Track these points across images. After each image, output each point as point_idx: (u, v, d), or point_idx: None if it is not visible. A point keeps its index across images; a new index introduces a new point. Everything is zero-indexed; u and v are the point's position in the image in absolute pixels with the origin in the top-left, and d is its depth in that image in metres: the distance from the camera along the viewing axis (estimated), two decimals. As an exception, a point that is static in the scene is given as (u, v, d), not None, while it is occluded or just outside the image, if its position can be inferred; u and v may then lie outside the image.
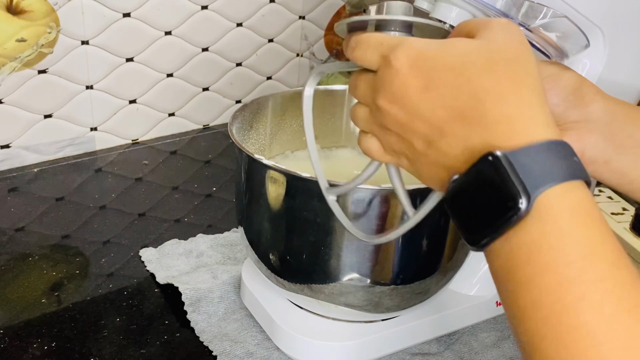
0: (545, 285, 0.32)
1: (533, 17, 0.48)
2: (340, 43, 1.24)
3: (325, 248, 0.57)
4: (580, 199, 0.34)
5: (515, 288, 0.34)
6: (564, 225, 0.33)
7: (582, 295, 0.31)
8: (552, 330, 0.32)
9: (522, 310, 0.33)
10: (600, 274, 0.32)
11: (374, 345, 0.64)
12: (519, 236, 0.33)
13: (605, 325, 0.31)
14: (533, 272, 0.33)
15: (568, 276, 0.32)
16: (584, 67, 0.61)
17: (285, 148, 0.73)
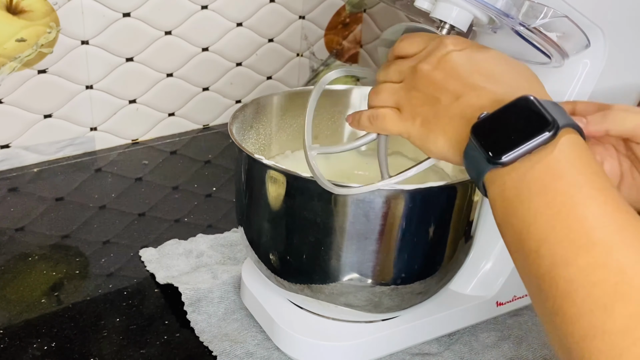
0: (558, 189, 0.38)
1: (533, 16, 0.48)
2: (340, 43, 1.24)
3: (326, 248, 0.57)
4: (587, 146, 0.41)
5: (530, 196, 0.39)
6: (578, 153, 0.40)
7: (590, 194, 0.38)
8: (562, 221, 0.37)
9: (534, 212, 0.39)
10: (606, 185, 0.39)
11: (374, 345, 0.64)
12: (544, 156, 0.39)
13: (606, 216, 0.37)
14: (550, 180, 0.39)
15: (578, 182, 0.38)
16: (585, 67, 0.61)
17: (285, 148, 0.73)
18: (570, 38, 0.51)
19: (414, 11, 0.60)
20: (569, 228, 0.37)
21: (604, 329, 0.34)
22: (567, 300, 0.36)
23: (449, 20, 0.53)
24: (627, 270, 0.34)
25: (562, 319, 0.36)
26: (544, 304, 0.38)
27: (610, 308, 0.34)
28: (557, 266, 0.37)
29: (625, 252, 0.35)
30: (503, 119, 0.41)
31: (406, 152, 0.74)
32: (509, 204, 0.40)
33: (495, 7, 0.49)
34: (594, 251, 0.36)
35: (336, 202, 0.55)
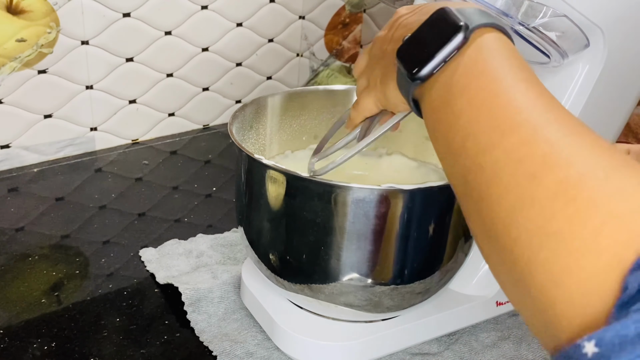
0: (479, 85, 0.38)
1: (533, 16, 0.48)
2: (340, 43, 1.24)
3: (326, 248, 0.57)
4: (509, 43, 0.41)
5: (454, 98, 0.39)
6: (496, 49, 0.40)
7: (511, 84, 0.37)
8: (485, 112, 0.37)
9: (458, 112, 0.38)
10: (527, 76, 0.38)
11: (374, 345, 0.64)
12: (461, 59, 0.40)
13: (529, 101, 0.36)
14: (471, 79, 0.39)
15: (498, 76, 0.38)
16: (584, 67, 0.61)
17: (285, 148, 0.73)
18: (569, 37, 0.51)
19: (413, 11, 0.60)
20: (492, 117, 0.36)
21: (533, 197, 0.33)
22: (493, 183, 0.35)
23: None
24: (556, 143, 0.33)
25: (488, 202, 0.35)
26: (471, 199, 0.37)
27: (539, 177, 0.33)
28: (482, 153, 0.36)
29: (553, 128, 0.34)
30: (421, 36, 0.42)
31: (406, 152, 0.74)
32: (436, 113, 0.41)
33: (495, 7, 0.49)
34: (519, 131, 0.35)
35: (336, 201, 0.55)
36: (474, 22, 0.40)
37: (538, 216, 0.32)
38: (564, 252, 0.30)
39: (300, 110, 0.73)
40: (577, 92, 0.62)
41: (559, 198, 0.31)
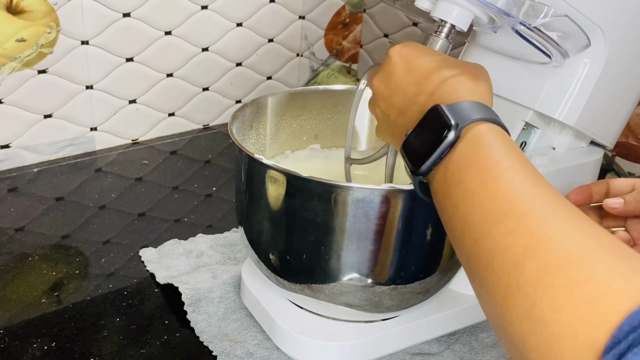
0: (471, 178, 0.42)
1: (534, 16, 0.48)
2: (340, 43, 1.24)
3: (326, 248, 0.57)
4: (501, 133, 0.44)
5: (450, 191, 0.44)
6: (486, 141, 0.43)
7: (499, 175, 0.41)
8: (477, 203, 0.41)
9: (455, 203, 0.43)
10: (513, 164, 0.42)
11: (374, 345, 0.64)
12: (453, 153, 0.44)
13: (514, 190, 0.40)
14: (462, 172, 0.43)
15: (486, 167, 0.42)
16: (585, 67, 0.61)
17: (285, 148, 0.73)
18: (570, 37, 0.51)
19: (414, 11, 0.60)
20: (483, 207, 0.40)
21: (519, 283, 0.36)
22: (488, 270, 0.39)
23: (449, 20, 0.53)
24: (535, 232, 0.37)
25: (486, 289, 0.39)
26: (475, 282, 0.41)
27: (522, 265, 0.36)
28: (478, 242, 0.40)
29: (536, 216, 0.38)
30: (420, 132, 0.46)
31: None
32: (439, 203, 0.46)
33: (496, 7, 0.49)
34: (505, 221, 0.39)
35: (336, 201, 0.55)
36: (465, 118, 0.44)
37: (524, 302, 0.35)
38: (548, 336, 0.33)
39: (301, 110, 0.73)
40: (578, 92, 0.62)
41: (540, 285, 0.35)
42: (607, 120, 0.67)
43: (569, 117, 0.63)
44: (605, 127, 0.67)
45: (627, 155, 0.88)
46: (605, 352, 0.31)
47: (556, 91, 0.62)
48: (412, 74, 0.49)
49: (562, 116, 0.63)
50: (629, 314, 0.31)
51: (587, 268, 0.34)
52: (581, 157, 0.70)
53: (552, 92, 0.62)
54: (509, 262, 0.37)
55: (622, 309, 0.32)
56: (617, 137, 0.70)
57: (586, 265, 0.34)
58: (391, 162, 0.60)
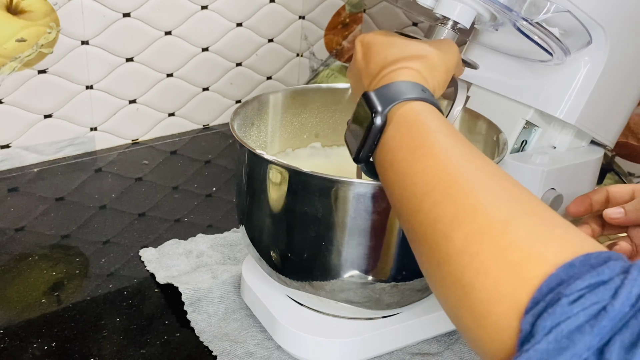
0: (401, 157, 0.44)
1: (536, 12, 0.48)
2: (340, 43, 1.24)
3: (327, 244, 0.57)
4: (426, 109, 0.45)
5: (386, 171, 0.45)
6: (411, 121, 0.45)
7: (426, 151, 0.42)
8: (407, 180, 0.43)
9: (392, 181, 0.44)
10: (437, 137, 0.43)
11: (375, 342, 0.64)
12: (383, 139, 0.45)
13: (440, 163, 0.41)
14: (393, 153, 0.44)
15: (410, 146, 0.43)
16: (586, 64, 0.61)
17: (286, 145, 0.73)
18: (572, 34, 0.51)
19: (415, 9, 0.60)
20: (414, 184, 0.42)
21: (448, 253, 0.38)
22: (422, 242, 0.41)
23: (452, 17, 0.53)
24: (461, 202, 0.38)
25: (422, 259, 0.42)
26: (417, 257, 0.43)
27: (450, 235, 0.38)
28: (411, 217, 0.42)
29: (459, 189, 0.39)
30: (354, 122, 0.48)
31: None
32: (383, 184, 0.46)
33: (499, 2, 0.49)
34: (433, 194, 0.40)
35: (337, 197, 0.55)
36: (389, 101, 0.45)
37: (455, 270, 0.37)
38: (477, 301, 0.36)
39: (302, 108, 0.73)
40: (579, 91, 0.62)
41: (466, 253, 0.37)
42: (608, 119, 0.67)
43: (570, 116, 0.63)
44: (606, 126, 0.67)
45: (627, 155, 0.88)
46: (525, 312, 0.33)
47: (557, 89, 0.62)
48: (366, 61, 0.51)
49: (563, 114, 0.63)
50: (547, 276, 0.33)
51: (510, 234, 0.36)
52: (581, 156, 0.70)
53: (553, 90, 0.62)
54: (439, 233, 0.39)
55: (541, 272, 0.33)
56: (617, 136, 0.70)
57: (509, 231, 0.36)
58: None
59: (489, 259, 0.36)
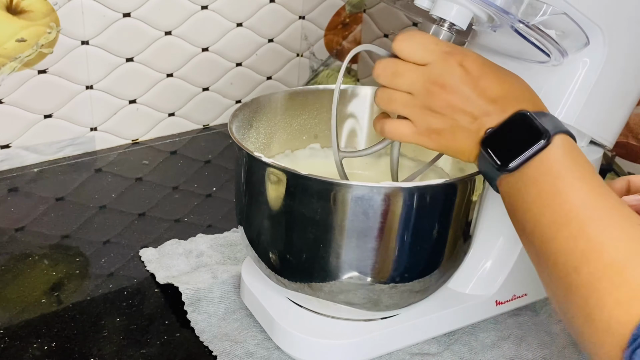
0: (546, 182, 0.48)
1: (533, 14, 0.48)
2: (340, 43, 1.24)
3: (325, 246, 0.57)
4: (575, 145, 0.50)
5: (526, 191, 0.49)
6: (566, 152, 0.49)
7: (571, 183, 0.47)
8: (548, 207, 0.47)
9: (529, 203, 0.48)
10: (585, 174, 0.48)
11: (374, 344, 0.64)
12: (536, 159, 0.48)
13: (581, 199, 0.46)
14: (540, 176, 0.48)
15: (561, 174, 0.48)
16: (584, 65, 0.61)
17: (285, 147, 0.73)
18: (569, 36, 0.51)
19: (414, 10, 0.60)
20: (553, 212, 0.47)
21: (576, 285, 0.44)
22: (554, 269, 0.46)
23: (448, 18, 0.53)
24: (592, 240, 0.44)
25: (551, 285, 0.47)
26: (542, 276, 0.49)
27: (579, 269, 0.44)
28: (545, 242, 0.47)
29: (593, 226, 0.45)
30: (506, 133, 0.50)
31: (406, 152, 0.74)
32: (513, 199, 0.50)
33: (495, 5, 0.49)
34: (569, 227, 0.45)
35: (335, 199, 0.55)
36: (553, 128, 0.49)
37: (580, 301, 0.44)
38: (595, 330, 0.43)
39: (301, 109, 0.73)
40: (577, 91, 0.62)
41: (590, 287, 0.43)
42: (607, 120, 0.67)
43: (569, 116, 0.63)
44: (605, 127, 0.67)
45: (627, 155, 0.88)
46: (627, 345, 0.40)
47: (555, 90, 0.62)
48: (481, 83, 0.51)
49: (562, 115, 0.63)
50: None
51: (627, 274, 0.42)
52: (581, 156, 0.70)
53: (551, 91, 0.62)
54: (570, 265, 0.45)
55: None
56: (616, 137, 0.70)
57: (626, 271, 0.42)
58: (395, 156, 0.60)
59: (606, 295, 0.42)
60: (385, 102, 0.54)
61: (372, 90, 0.74)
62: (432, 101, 0.51)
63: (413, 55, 0.52)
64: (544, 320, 0.72)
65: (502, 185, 0.51)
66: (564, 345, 0.69)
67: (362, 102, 0.74)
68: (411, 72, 0.52)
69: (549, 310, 0.73)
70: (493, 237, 0.69)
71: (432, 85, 0.51)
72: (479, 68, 0.51)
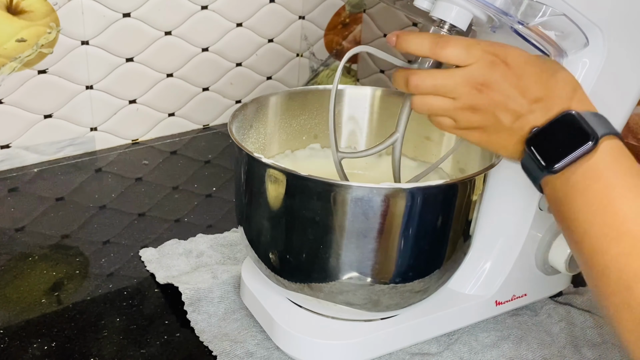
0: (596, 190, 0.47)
1: (532, 15, 0.48)
2: (340, 43, 1.24)
3: (325, 247, 0.57)
4: (626, 150, 0.48)
5: (574, 196, 0.48)
6: (615, 157, 0.47)
7: (622, 194, 0.46)
8: (599, 217, 0.46)
9: (577, 210, 0.47)
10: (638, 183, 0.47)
11: (374, 344, 0.64)
12: (584, 162, 0.47)
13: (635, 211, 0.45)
14: (590, 182, 0.47)
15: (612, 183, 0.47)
16: (584, 66, 0.61)
17: (285, 147, 0.73)
18: (568, 37, 0.51)
19: (413, 11, 0.60)
20: (604, 223, 0.46)
21: (629, 304, 0.44)
22: (603, 282, 0.45)
23: (448, 20, 0.53)
24: None
25: (599, 296, 0.47)
26: (588, 278, 0.48)
27: (632, 288, 0.44)
28: (595, 254, 0.46)
29: None
30: (552, 133, 0.49)
31: (406, 152, 0.74)
32: (559, 203, 0.49)
33: (494, 6, 0.49)
34: (622, 242, 0.45)
35: (335, 201, 0.55)
36: (601, 131, 0.47)
37: (633, 318, 0.44)
38: None
39: (301, 109, 0.73)
40: (577, 92, 0.62)
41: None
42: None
43: (568, 117, 0.63)
44: (605, 127, 0.67)
45: (626, 155, 0.88)
46: None
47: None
48: (524, 81, 0.50)
49: (562, 116, 0.63)
50: None
51: None
52: (581, 156, 0.70)
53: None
54: (622, 282, 0.44)
55: None
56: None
57: None
58: (397, 157, 0.60)
59: None
60: (425, 109, 0.53)
61: (371, 90, 0.74)
62: (475, 100, 0.51)
63: (456, 59, 0.50)
64: (544, 320, 0.72)
65: (547, 187, 0.50)
66: (564, 345, 0.69)
67: (362, 102, 0.74)
68: (451, 79, 0.51)
69: (548, 310, 0.73)
70: (493, 237, 0.69)
71: (475, 85, 0.50)
72: (521, 66, 0.50)
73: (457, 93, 0.51)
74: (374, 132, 0.75)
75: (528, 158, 0.50)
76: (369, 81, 1.25)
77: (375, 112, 0.74)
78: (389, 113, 0.73)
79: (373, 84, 1.23)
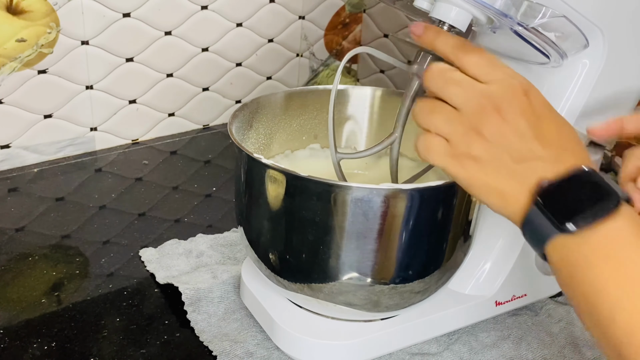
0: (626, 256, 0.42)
1: (532, 16, 0.48)
2: (340, 43, 1.24)
3: (325, 247, 0.57)
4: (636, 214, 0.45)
5: (597, 262, 0.42)
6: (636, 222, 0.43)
7: None
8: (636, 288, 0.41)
9: (604, 279, 0.42)
10: None
11: (374, 344, 0.64)
12: (606, 224, 0.43)
13: None
14: (616, 247, 0.42)
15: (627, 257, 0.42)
16: (584, 67, 0.61)
17: (285, 147, 0.73)
18: (568, 38, 0.51)
19: (413, 11, 0.60)
20: (637, 297, 0.40)
21: None
22: (617, 355, 0.40)
23: (448, 20, 0.53)
24: None
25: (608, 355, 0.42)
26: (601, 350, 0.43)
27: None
28: (635, 334, 0.40)
29: None
30: (568, 188, 0.44)
31: (406, 152, 0.74)
32: (576, 269, 0.43)
33: (494, 7, 0.49)
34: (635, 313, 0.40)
35: (335, 201, 0.55)
36: (619, 192, 0.44)
37: None
38: None
39: (301, 109, 0.73)
40: (577, 93, 0.62)
41: None
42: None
43: (568, 118, 0.63)
44: (605, 127, 0.67)
45: (626, 155, 0.88)
46: None
47: (555, 92, 0.62)
48: (539, 123, 0.46)
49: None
50: None
51: None
52: (580, 157, 0.70)
53: (551, 92, 0.62)
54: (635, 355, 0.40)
55: None
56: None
57: None
58: (395, 157, 0.60)
59: None
60: (425, 112, 0.48)
61: (371, 90, 0.74)
62: (482, 123, 0.45)
63: (477, 68, 0.47)
64: (544, 320, 0.72)
65: (555, 248, 0.44)
66: (564, 345, 0.69)
67: (362, 102, 0.74)
68: (469, 85, 0.46)
69: (548, 310, 0.73)
70: (493, 237, 0.69)
71: (489, 105, 0.45)
72: (542, 107, 0.46)
73: (467, 104, 0.46)
74: (373, 132, 0.75)
75: (537, 213, 0.44)
76: (369, 81, 1.25)
77: (375, 112, 0.74)
78: (389, 113, 0.73)
79: (373, 84, 1.23)
